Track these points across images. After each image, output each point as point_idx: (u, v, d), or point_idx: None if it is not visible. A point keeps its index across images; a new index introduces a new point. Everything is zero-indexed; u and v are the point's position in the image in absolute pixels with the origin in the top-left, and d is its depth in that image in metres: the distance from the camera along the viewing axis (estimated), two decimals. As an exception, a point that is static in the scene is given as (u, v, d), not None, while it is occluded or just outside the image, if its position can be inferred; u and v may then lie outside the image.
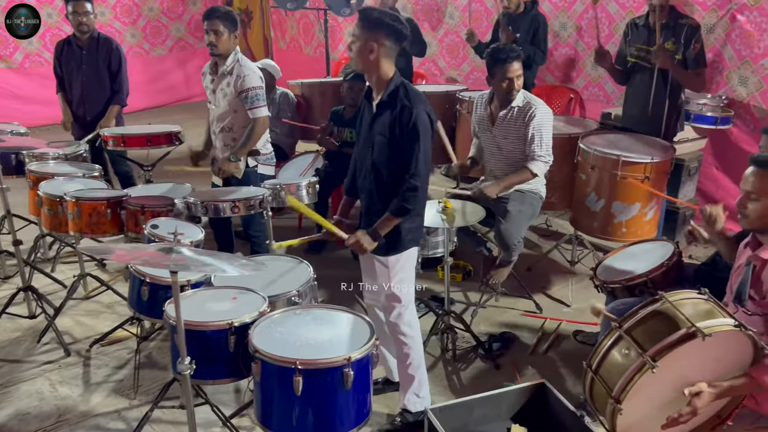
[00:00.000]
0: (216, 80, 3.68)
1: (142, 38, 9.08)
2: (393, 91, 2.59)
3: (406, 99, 2.55)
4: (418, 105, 2.55)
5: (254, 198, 3.11)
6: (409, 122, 2.51)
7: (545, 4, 5.60)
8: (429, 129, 2.58)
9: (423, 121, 2.53)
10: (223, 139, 3.76)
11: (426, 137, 2.55)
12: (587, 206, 3.71)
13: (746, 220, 2.15)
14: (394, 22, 2.51)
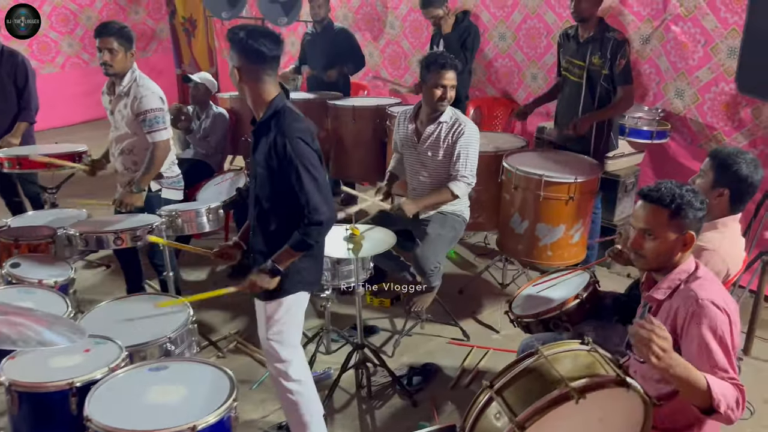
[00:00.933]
0: (113, 101, 3.42)
1: (80, 48, 8.73)
2: (267, 119, 2.32)
3: (280, 127, 2.27)
4: (292, 133, 2.25)
5: (142, 228, 2.85)
6: (284, 155, 2.25)
7: (483, 13, 5.44)
8: (311, 156, 2.29)
9: (300, 151, 2.25)
10: (123, 162, 3.50)
11: (310, 166, 2.27)
12: (511, 228, 3.52)
13: (643, 260, 1.95)
14: (251, 41, 2.22)
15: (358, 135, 4.79)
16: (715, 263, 2.30)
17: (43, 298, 2.39)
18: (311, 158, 2.28)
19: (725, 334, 1.76)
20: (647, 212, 1.92)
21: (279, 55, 2.28)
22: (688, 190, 1.90)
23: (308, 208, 2.27)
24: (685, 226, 1.88)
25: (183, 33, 9.36)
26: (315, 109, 5.17)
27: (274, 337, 2.40)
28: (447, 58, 3.27)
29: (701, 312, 1.78)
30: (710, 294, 1.82)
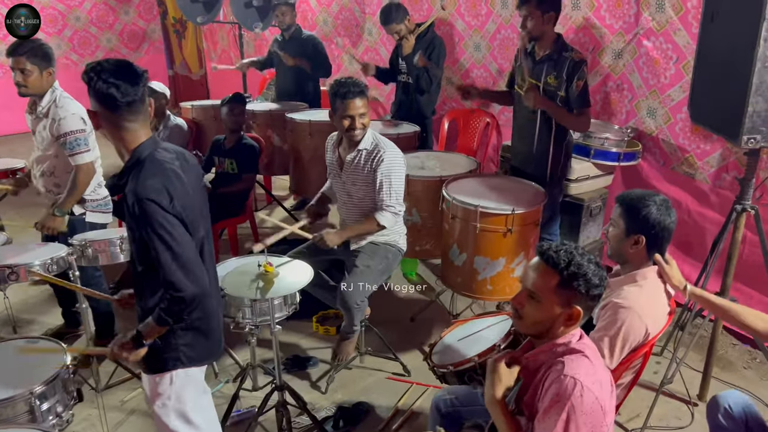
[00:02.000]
0: (33, 121, 3.27)
1: (69, 49, 8.66)
2: (127, 169, 1.99)
3: (135, 181, 1.91)
4: (145, 192, 1.87)
5: (41, 264, 2.69)
6: (136, 215, 1.89)
7: (458, 22, 5.20)
8: (166, 222, 1.88)
9: (151, 215, 1.87)
10: (44, 183, 3.36)
11: (165, 234, 1.88)
12: (451, 260, 3.31)
13: (520, 322, 1.75)
14: (102, 83, 1.92)
15: (316, 150, 4.59)
16: (632, 323, 2.09)
17: None
18: (166, 224, 1.88)
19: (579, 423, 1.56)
20: (538, 273, 1.72)
21: (136, 99, 1.94)
22: (591, 261, 1.70)
23: (164, 281, 1.91)
24: (574, 299, 1.68)
25: (174, 34, 9.25)
26: (277, 121, 5.01)
27: (159, 411, 2.17)
28: (351, 86, 3.03)
29: (562, 390, 1.58)
30: (578, 371, 1.61)
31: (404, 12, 4.53)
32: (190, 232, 1.97)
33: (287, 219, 5.30)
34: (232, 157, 4.45)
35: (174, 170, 1.99)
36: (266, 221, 3.18)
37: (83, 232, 3.22)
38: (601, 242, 4.27)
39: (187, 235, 1.95)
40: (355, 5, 6.09)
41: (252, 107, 5.14)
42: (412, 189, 3.33)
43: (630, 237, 2.15)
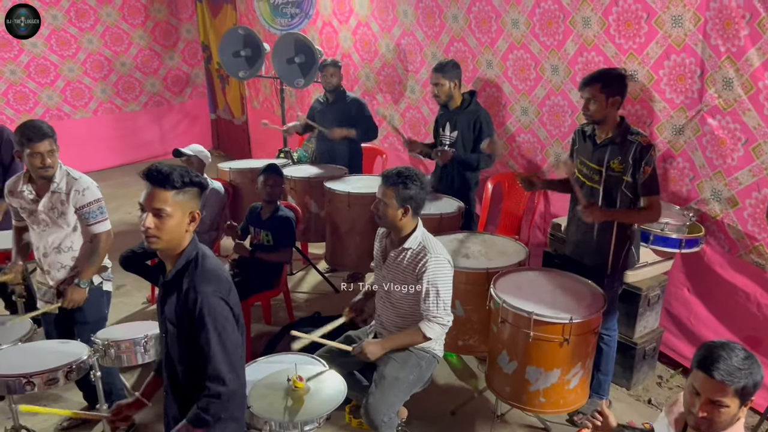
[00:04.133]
0: (46, 200, 3.17)
1: (113, 94, 8.73)
2: (182, 268, 2.05)
3: (193, 279, 2.01)
4: (207, 286, 2.00)
5: (62, 368, 2.55)
6: (195, 309, 1.98)
7: (505, 85, 4.99)
8: (226, 316, 2.01)
9: (213, 307, 1.98)
10: (59, 260, 3.25)
11: (223, 328, 2.00)
12: (499, 366, 3.04)
13: None
14: (195, 176, 2.06)
15: (354, 222, 4.41)
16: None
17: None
18: (223, 317, 2.00)
19: None
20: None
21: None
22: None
23: (208, 374, 1.98)
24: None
25: (218, 79, 9.28)
26: (315, 188, 4.85)
27: None
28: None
29: None
30: None
31: (457, 73, 4.36)
32: (238, 330, 2.09)
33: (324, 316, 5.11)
34: (267, 230, 4.29)
35: (225, 270, 2.13)
36: (301, 340, 2.88)
37: (101, 303, 3.31)
38: (660, 330, 3.95)
39: (237, 332, 2.06)
40: (398, 62, 5.94)
41: (290, 173, 5.00)
42: (456, 281, 3.08)
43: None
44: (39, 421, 3.55)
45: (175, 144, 9.25)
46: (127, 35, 8.66)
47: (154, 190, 2.00)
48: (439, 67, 4.34)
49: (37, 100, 8.14)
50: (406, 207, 2.90)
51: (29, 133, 2.98)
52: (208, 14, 8.92)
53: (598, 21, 4.19)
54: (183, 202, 2.02)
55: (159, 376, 2.36)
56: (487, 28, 5.01)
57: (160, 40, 8.95)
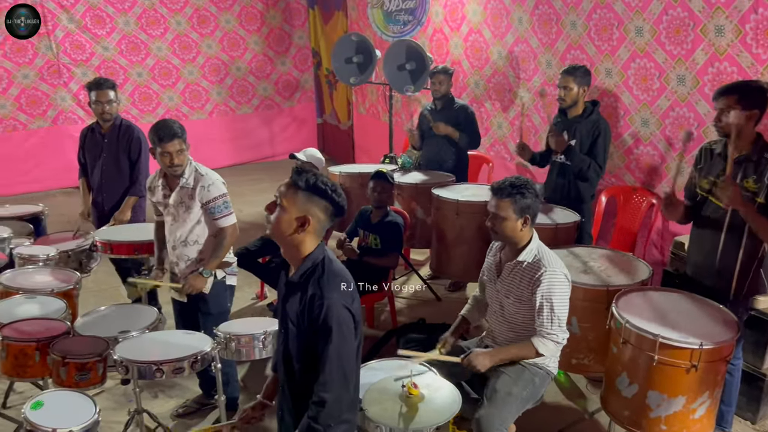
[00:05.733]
0: (175, 194, 3.34)
1: (227, 97, 9.13)
2: (307, 271, 2.07)
3: (319, 284, 2.03)
4: (333, 293, 2.01)
5: (188, 358, 2.66)
6: (319, 315, 1.99)
7: (625, 95, 4.79)
8: (348, 326, 2.03)
9: (337, 316, 1.99)
10: (187, 252, 3.40)
11: (343, 337, 2.00)
12: (618, 388, 2.90)
13: None
14: (335, 194, 2.07)
15: (461, 230, 4.37)
16: None
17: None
18: (345, 326, 2.01)
19: None
20: None
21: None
22: None
23: (319, 380, 1.99)
24: None
25: (326, 84, 9.51)
26: (422, 194, 4.84)
27: None
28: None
29: None
30: None
31: (587, 80, 4.24)
32: (356, 336, 2.08)
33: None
34: (376, 233, 4.32)
35: (350, 276, 2.12)
36: (402, 354, 2.85)
37: (224, 297, 3.44)
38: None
39: (354, 341, 2.06)
40: (510, 70, 5.84)
41: (397, 178, 5.02)
42: (573, 296, 2.97)
43: None
44: (155, 405, 3.74)
45: (284, 146, 9.59)
46: (244, 41, 9.03)
47: (289, 181, 2.07)
48: (571, 70, 4.22)
49: (159, 101, 8.64)
50: (525, 217, 2.83)
51: (160, 133, 3.16)
52: (320, 21, 9.16)
53: (733, 29, 3.94)
54: (300, 203, 2.03)
55: (277, 375, 2.42)
56: (608, 36, 4.84)
57: (274, 46, 9.28)
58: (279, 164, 9.38)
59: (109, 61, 8.17)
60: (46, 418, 2.38)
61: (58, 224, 5.18)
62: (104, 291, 5.10)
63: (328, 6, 8.87)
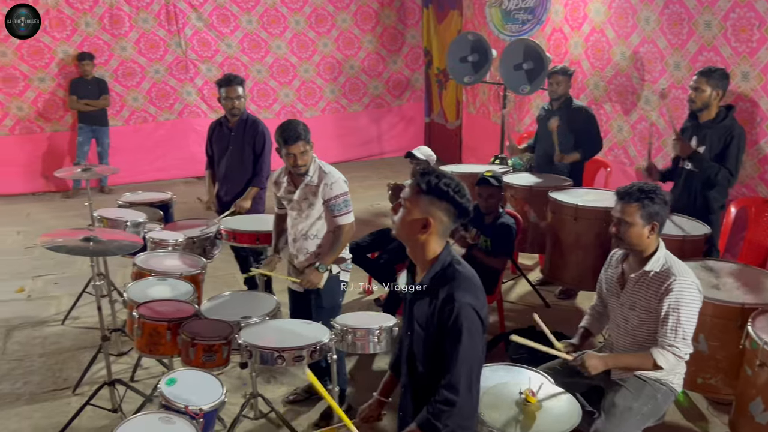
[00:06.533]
0: (300, 190, 3.45)
1: (340, 95, 9.33)
2: (437, 275, 2.07)
3: (451, 287, 2.02)
4: (465, 296, 2.01)
5: (308, 347, 2.75)
6: (449, 317, 1.99)
7: (763, 100, 4.46)
8: (477, 329, 2.02)
9: (468, 318, 1.99)
10: (306, 246, 3.52)
11: (473, 339, 2.01)
12: (751, 414, 2.70)
13: None
14: (458, 195, 2.03)
15: (579, 236, 4.23)
16: None
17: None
18: (475, 329, 2.01)
19: None
20: None
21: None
22: None
23: (446, 380, 2.00)
24: None
25: (436, 84, 9.51)
26: (537, 197, 4.74)
27: None
28: None
29: None
30: None
31: (724, 84, 3.99)
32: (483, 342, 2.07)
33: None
34: (488, 235, 4.27)
35: (479, 280, 2.11)
36: (514, 340, 2.80)
37: (337, 292, 3.52)
38: None
39: (481, 345, 2.05)
40: (634, 71, 5.60)
41: (510, 180, 4.94)
42: (702, 311, 2.78)
43: None
44: (267, 390, 3.88)
45: (391, 145, 9.70)
46: (358, 39, 9.20)
47: (413, 183, 2.09)
48: (707, 72, 3.99)
49: (276, 98, 8.97)
50: (653, 224, 2.70)
51: (285, 135, 3.29)
52: (434, 20, 9.17)
53: None
54: (423, 204, 2.03)
55: (394, 375, 2.44)
56: (747, 37, 4.52)
57: (387, 45, 9.38)
58: (386, 162, 9.50)
59: (231, 58, 8.57)
60: (178, 394, 2.53)
61: (180, 212, 5.48)
62: (220, 277, 5.35)
63: (442, 5, 8.85)
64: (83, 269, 5.53)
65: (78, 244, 3.08)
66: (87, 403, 3.53)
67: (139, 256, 3.77)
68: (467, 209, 2.05)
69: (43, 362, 4.23)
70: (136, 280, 3.58)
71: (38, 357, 4.30)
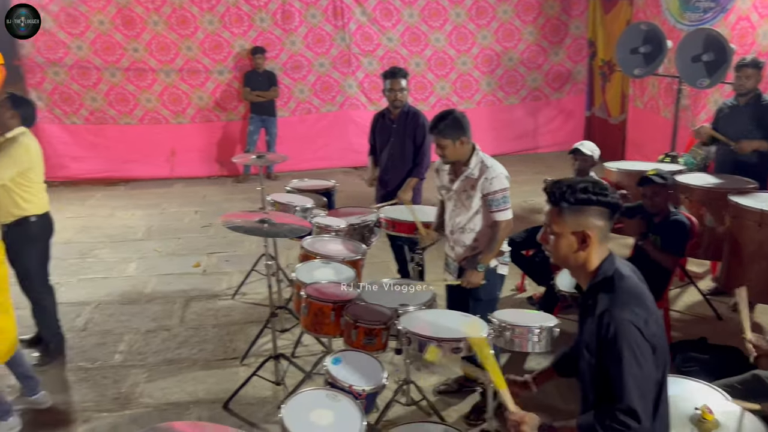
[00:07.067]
0: (458, 182, 3.46)
1: (496, 87, 9.21)
2: (596, 286, 1.97)
3: (609, 301, 1.89)
4: (622, 311, 1.85)
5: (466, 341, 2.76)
6: (607, 335, 1.86)
7: None
8: (643, 350, 1.83)
9: (628, 338, 1.83)
10: (463, 239, 3.53)
11: (636, 362, 1.82)
12: None
13: None
14: (601, 194, 1.93)
15: (763, 244, 3.85)
16: None
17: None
18: (637, 350, 1.82)
19: None
20: None
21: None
22: None
23: (619, 403, 1.82)
24: None
25: (599, 76, 9.09)
26: (715, 200, 4.37)
27: None
28: None
29: None
30: None
31: None
32: (656, 364, 1.90)
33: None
34: (657, 233, 4.00)
35: (648, 295, 1.96)
36: None
37: (494, 285, 3.49)
38: None
39: (652, 364, 1.86)
40: (839, 62, 4.96)
41: (685, 180, 4.59)
42: None
43: None
44: (418, 378, 3.93)
45: (548, 139, 9.43)
46: (518, 31, 9.02)
47: (550, 206, 2.01)
48: None
49: (432, 90, 9.05)
50: None
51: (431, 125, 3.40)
52: (600, 10, 8.74)
53: None
54: (571, 221, 1.94)
55: (554, 369, 2.36)
56: None
57: (548, 36, 9.10)
58: (539, 157, 9.24)
59: (392, 52, 8.77)
60: (343, 373, 2.65)
61: (339, 200, 5.70)
62: (375, 264, 5.50)
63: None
64: (251, 249, 5.95)
65: (254, 225, 3.32)
66: (254, 374, 3.80)
67: (306, 240, 3.98)
68: (617, 203, 1.95)
69: (216, 332, 4.61)
70: (303, 262, 3.79)
71: (211, 327, 4.69)
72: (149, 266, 5.82)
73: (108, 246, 6.32)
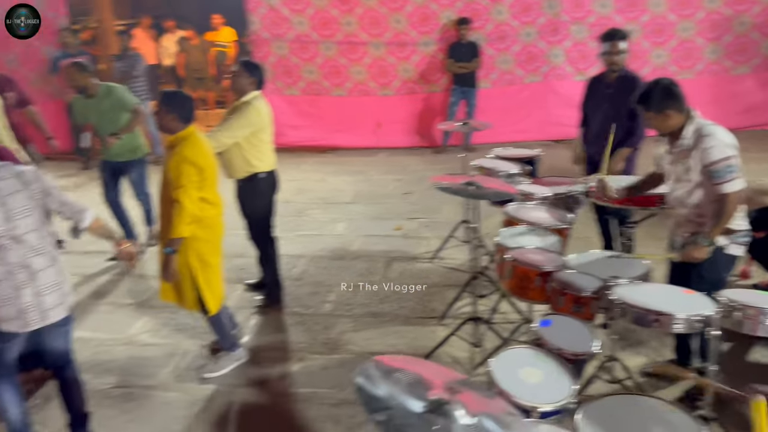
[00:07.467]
0: (675, 155, 3.19)
1: (723, 55, 8.30)
2: None
3: None
4: None
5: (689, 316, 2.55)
6: None
7: None
8: None
9: None
10: (687, 216, 3.26)
11: None
12: None
13: None
14: None
15: None
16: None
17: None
18: None
19: None
20: None
21: None
22: None
23: None
24: None
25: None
26: None
27: None
28: None
29: None
30: None
31: None
32: None
33: None
34: None
35: None
36: None
37: (720, 265, 3.18)
38: None
39: None
40: None
41: None
42: None
43: None
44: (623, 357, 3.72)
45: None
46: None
47: None
48: None
49: (647, 59, 8.36)
50: None
51: None
52: None
53: None
54: None
55: None
56: None
57: (791, -4, 7.99)
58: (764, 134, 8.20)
59: (604, 18, 8.23)
60: (551, 335, 2.60)
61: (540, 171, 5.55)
62: (577, 239, 5.28)
63: None
64: (449, 216, 6.04)
65: (461, 187, 3.36)
66: (452, 333, 3.89)
67: (510, 206, 3.95)
68: None
69: (415, 292, 4.78)
70: (506, 227, 3.76)
71: (411, 287, 4.87)
72: (356, 227, 6.19)
73: (320, 207, 6.83)
